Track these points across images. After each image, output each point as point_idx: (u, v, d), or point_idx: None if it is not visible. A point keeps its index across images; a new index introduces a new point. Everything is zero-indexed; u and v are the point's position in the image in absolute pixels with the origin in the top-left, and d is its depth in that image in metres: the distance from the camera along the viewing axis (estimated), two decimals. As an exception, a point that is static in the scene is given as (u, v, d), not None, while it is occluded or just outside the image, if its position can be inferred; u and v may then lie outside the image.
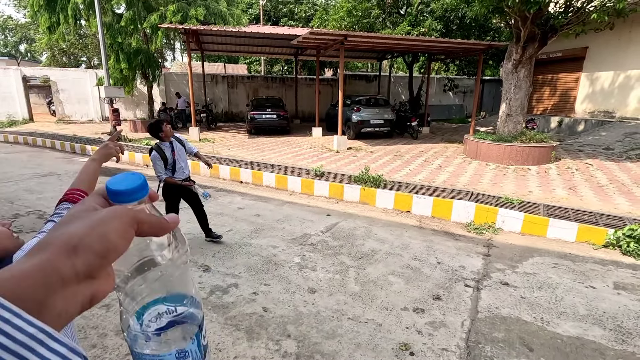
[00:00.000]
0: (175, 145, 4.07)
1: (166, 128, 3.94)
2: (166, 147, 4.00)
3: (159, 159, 3.93)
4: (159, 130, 3.91)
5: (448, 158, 9.57)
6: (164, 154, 3.94)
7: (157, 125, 3.92)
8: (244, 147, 10.86)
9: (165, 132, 3.92)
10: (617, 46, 13.28)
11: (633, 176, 7.58)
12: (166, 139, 3.98)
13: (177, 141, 4.13)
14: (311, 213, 5.80)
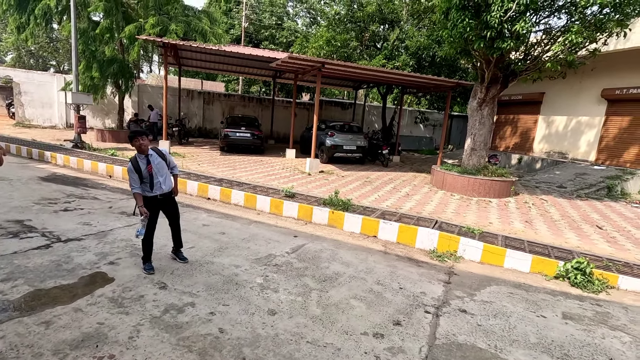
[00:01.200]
0: (154, 159, 3.95)
1: (139, 142, 3.82)
2: (142, 159, 3.88)
3: (133, 172, 3.83)
4: (139, 135, 3.85)
5: (416, 187, 9.87)
6: (139, 167, 3.83)
7: (138, 133, 3.86)
8: (214, 164, 10.70)
9: (141, 144, 3.83)
10: (570, 94, 14.55)
11: (582, 213, 8.14)
12: (141, 151, 3.87)
13: (158, 154, 4.03)
14: (278, 233, 5.74)
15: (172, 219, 4.27)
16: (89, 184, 8.12)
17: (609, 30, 7.64)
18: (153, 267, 4.00)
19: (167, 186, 4.08)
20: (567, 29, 7.77)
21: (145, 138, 3.90)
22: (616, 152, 13.08)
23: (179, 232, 4.33)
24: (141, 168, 3.83)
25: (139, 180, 3.85)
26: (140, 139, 3.83)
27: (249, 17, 24.30)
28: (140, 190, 3.89)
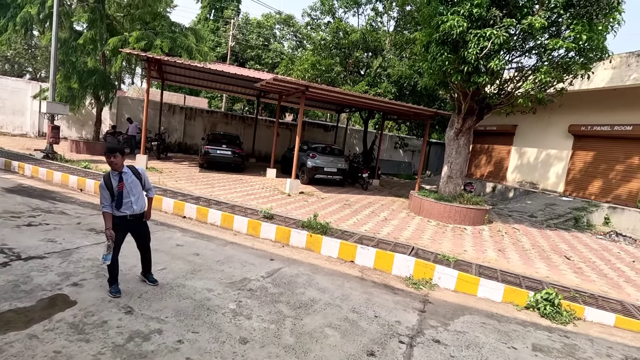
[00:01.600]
0: (127, 176, 3.81)
1: (111, 159, 3.69)
2: (115, 176, 3.75)
3: (104, 189, 3.70)
4: (113, 152, 3.69)
5: (394, 211, 9.99)
6: (111, 184, 3.70)
7: (113, 148, 3.71)
8: (192, 181, 10.50)
9: (116, 160, 3.70)
10: (540, 127, 15.35)
11: (551, 243, 8.43)
12: (115, 168, 3.74)
13: (133, 173, 3.88)
14: (254, 256, 5.63)
15: (141, 242, 4.10)
16: (57, 197, 7.76)
17: (574, 72, 8.21)
18: (120, 289, 3.82)
19: (139, 207, 3.93)
20: (537, 69, 8.29)
21: (119, 156, 3.74)
22: (582, 185, 13.76)
23: (149, 255, 4.16)
24: (112, 185, 3.71)
25: (110, 198, 3.71)
26: (112, 156, 3.69)
27: (235, 36, 24.63)
28: (110, 209, 3.74)
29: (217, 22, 28.00)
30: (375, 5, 17.55)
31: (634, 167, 12.28)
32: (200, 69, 12.32)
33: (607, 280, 6.12)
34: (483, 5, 7.57)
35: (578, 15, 7.53)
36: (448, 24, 7.65)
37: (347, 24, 16.63)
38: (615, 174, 12.82)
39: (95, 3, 12.39)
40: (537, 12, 7.74)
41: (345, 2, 17.37)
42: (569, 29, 7.67)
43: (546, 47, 7.81)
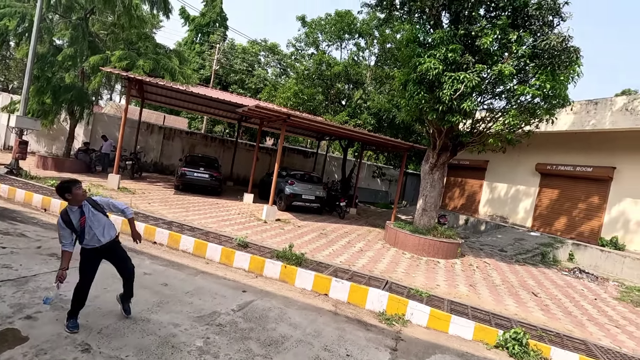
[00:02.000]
0: (88, 210, 3.59)
1: (77, 191, 3.48)
2: (73, 212, 3.52)
3: (63, 227, 3.46)
4: (67, 191, 3.43)
5: (370, 242, 10.04)
6: (70, 220, 3.47)
7: (65, 187, 3.44)
8: (166, 204, 10.22)
9: (74, 196, 3.45)
10: (510, 164, 16.12)
11: (520, 279, 8.66)
12: (74, 202, 3.49)
13: (92, 205, 3.65)
14: (226, 287, 5.46)
15: (121, 265, 3.92)
16: (18, 217, 7.34)
17: (540, 116, 8.79)
18: (78, 324, 3.58)
19: (108, 236, 3.76)
20: (506, 111, 8.83)
21: (80, 187, 3.54)
22: (549, 221, 14.39)
23: (132, 281, 3.98)
24: (73, 222, 3.48)
25: (70, 235, 3.50)
26: (78, 188, 3.49)
27: (220, 60, 24.93)
28: (72, 248, 3.52)
29: (203, 46, 28.32)
30: (358, 40, 18.36)
31: (595, 206, 13.01)
32: (182, 91, 12.33)
33: (571, 319, 6.31)
34: (457, 51, 8.08)
35: (543, 65, 8.17)
36: (425, 65, 8.09)
37: (330, 57, 17.23)
38: (578, 211, 13.52)
39: (79, 20, 12.33)
40: (506, 60, 8.33)
41: (329, 36, 18.08)
42: (534, 77, 8.27)
43: (514, 92, 8.37)
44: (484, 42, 7.90)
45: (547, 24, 8.41)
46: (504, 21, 7.98)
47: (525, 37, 8.14)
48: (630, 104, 10.89)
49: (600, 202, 12.89)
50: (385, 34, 16.62)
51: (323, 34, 18.43)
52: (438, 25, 9.55)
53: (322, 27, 18.14)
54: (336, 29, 17.54)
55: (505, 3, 8.41)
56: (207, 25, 30.36)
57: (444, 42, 8.28)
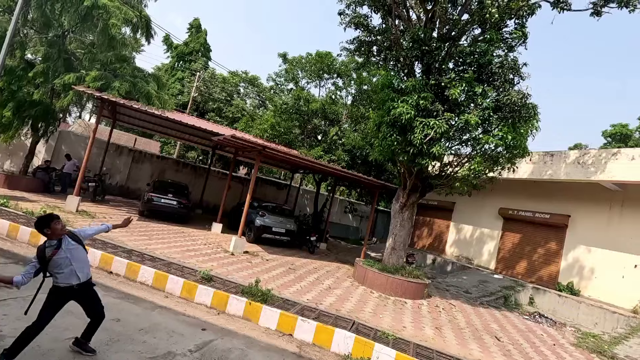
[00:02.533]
0: (66, 243, 3.47)
1: (55, 226, 3.39)
2: (51, 245, 3.39)
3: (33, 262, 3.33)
4: (45, 226, 3.36)
5: (338, 279, 9.90)
6: (44, 256, 3.33)
7: (44, 221, 3.37)
8: (128, 231, 9.69)
9: (52, 230, 3.37)
10: (475, 207, 16.79)
11: (484, 322, 8.76)
12: (53, 237, 3.40)
13: (72, 238, 3.53)
14: (184, 324, 5.14)
15: (92, 309, 3.74)
16: (-42, 238, 6.70)
17: (502, 164, 9.36)
18: None
19: (85, 274, 3.60)
20: (472, 157, 9.34)
21: (59, 222, 3.44)
22: (511, 264, 14.89)
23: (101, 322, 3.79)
24: (46, 254, 3.33)
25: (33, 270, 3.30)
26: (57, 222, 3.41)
27: (199, 87, 25.05)
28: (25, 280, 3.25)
29: (184, 73, 28.47)
30: (336, 80, 19.15)
31: (552, 251, 13.66)
32: (157, 115, 12.16)
33: (532, 365, 6.39)
34: (428, 99, 8.60)
35: (505, 118, 8.82)
36: (398, 110, 8.52)
37: (309, 93, 17.78)
38: (537, 256, 14.11)
39: (56, 37, 12.12)
40: (472, 110, 8.92)
41: (309, 74, 18.76)
42: (497, 128, 8.89)
43: (479, 140, 8.92)
44: (453, 93, 8.47)
45: (508, 81, 9.20)
46: (470, 75, 8.65)
47: (489, 91, 8.83)
48: (582, 158, 11.85)
49: (557, 248, 13.55)
50: (362, 77, 17.45)
51: (303, 72, 19.10)
52: (411, 73, 10.19)
53: (303, 65, 18.84)
54: (316, 68, 18.26)
55: (471, 59, 9.16)
56: (189, 54, 30.73)
57: (417, 90, 8.80)
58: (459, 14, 10.06)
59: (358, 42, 11.73)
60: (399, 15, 10.42)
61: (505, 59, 9.34)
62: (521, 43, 9.78)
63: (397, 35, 10.48)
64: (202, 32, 32.23)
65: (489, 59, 8.90)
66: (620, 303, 11.25)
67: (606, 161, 11.15)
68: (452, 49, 9.55)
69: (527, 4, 9.64)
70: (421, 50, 9.38)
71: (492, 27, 9.53)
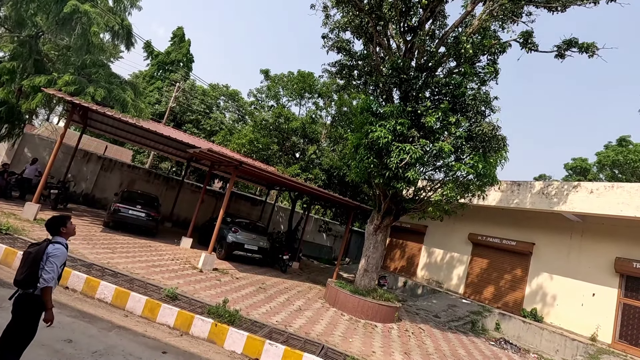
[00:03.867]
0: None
1: (70, 225, 3.47)
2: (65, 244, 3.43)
3: (65, 257, 3.35)
4: (62, 225, 3.39)
5: (309, 300, 9.72)
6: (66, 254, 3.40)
7: (61, 220, 3.41)
8: (90, 242, 9.18)
9: (68, 230, 3.44)
10: (446, 232, 17.16)
11: (451, 347, 8.81)
12: (67, 236, 3.45)
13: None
14: (144, 347, 4.83)
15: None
16: None
17: (473, 191, 9.68)
18: None
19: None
20: (444, 183, 9.62)
21: (72, 222, 3.53)
22: (478, 289, 15.20)
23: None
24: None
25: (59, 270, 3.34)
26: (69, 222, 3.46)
27: (178, 98, 24.68)
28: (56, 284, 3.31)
29: (163, 82, 28.03)
30: (317, 100, 19.44)
31: (518, 278, 14.09)
32: (130, 124, 11.80)
33: (497, 393, 6.43)
34: (405, 125, 8.86)
35: (476, 147, 9.20)
36: (376, 134, 8.70)
37: (289, 111, 17.89)
38: (504, 282, 14.50)
39: (28, 37, 11.68)
40: (446, 138, 9.25)
41: (290, 92, 18.97)
42: (469, 157, 9.23)
43: (452, 167, 9.21)
44: (429, 121, 8.77)
45: (480, 112, 9.65)
46: (446, 105, 9.01)
47: (462, 121, 9.21)
48: (546, 189, 12.47)
49: (522, 275, 14.00)
50: (342, 99, 17.83)
51: (284, 90, 19.29)
52: (390, 99, 10.51)
53: (285, 84, 19.05)
54: (298, 87, 18.49)
55: (446, 90, 9.57)
56: (171, 63, 30.39)
57: (394, 115, 9.05)
58: (436, 46, 10.56)
59: (340, 66, 12.03)
60: (380, 44, 10.81)
61: (478, 91, 9.83)
62: (492, 78, 10.33)
63: (378, 62, 10.84)
64: (185, 42, 32.06)
65: (462, 91, 9.33)
66: (580, 330, 11.67)
67: (568, 193, 11.78)
68: (429, 79, 9.96)
69: (498, 42, 10.29)
70: (400, 78, 9.72)
71: (466, 61, 10.05)
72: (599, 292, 11.68)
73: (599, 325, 11.32)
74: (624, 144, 26.48)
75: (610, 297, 11.39)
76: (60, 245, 3.32)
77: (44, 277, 3.14)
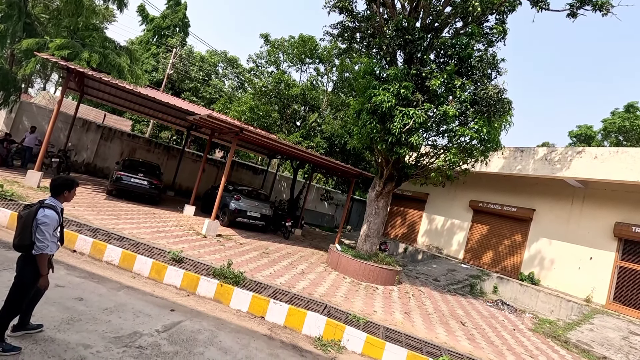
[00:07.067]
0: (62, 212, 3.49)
1: (74, 192, 3.47)
2: (60, 208, 3.38)
3: (56, 223, 3.27)
4: (68, 188, 3.39)
5: (312, 265, 9.94)
6: (60, 216, 3.35)
7: (70, 182, 3.40)
8: (95, 209, 9.27)
9: (70, 195, 3.44)
10: (447, 199, 17.25)
11: (450, 308, 9.09)
12: (65, 201, 3.46)
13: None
14: (152, 305, 4.98)
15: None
16: None
17: (476, 157, 9.59)
18: None
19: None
20: (448, 149, 9.51)
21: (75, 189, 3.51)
22: (478, 254, 15.49)
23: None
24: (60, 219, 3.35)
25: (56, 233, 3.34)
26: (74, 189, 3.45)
27: (175, 65, 24.04)
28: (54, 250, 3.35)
29: (160, 48, 27.17)
30: (318, 66, 18.89)
31: (517, 243, 14.30)
32: (129, 90, 11.54)
33: (493, 348, 6.70)
34: (409, 88, 8.63)
35: (481, 112, 9.01)
36: (379, 97, 8.50)
37: (290, 77, 17.45)
38: (503, 247, 14.74)
39: (17, -1, 11.18)
40: (450, 102, 9.05)
41: (291, 57, 18.40)
42: (473, 121, 9.07)
43: (456, 132, 9.08)
44: (433, 84, 8.54)
45: (486, 75, 9.37)
46: (451, 67, 8.73)
47: (468, 85, 8.96)
48: (549, 155, 12.36)
49: (522, 240, 14.20)
50: (344, 63, 17.32)
51: (285, 55, 18.71)
52: (393, 62, 10.17)
53: (285, 48, 18.44)
54: (298, 52, 17.91)
55: (452, 52, 9.24)
56: (167, 28, 29.32)
57: (398, 79, 8.80)
58: (442, 5, 10.08)
59: (342, 27, 11.55)
60: (384, 3, 10.32)
61: (485, 53, 9.50)
62: (501, 39, 9.96)
63: (381, 23, 10.41)
64: (181, 5, 30.76)
65: (469, 53, 9.01)
66: (576, 292, 11.99)
67: (571, 159, 11.69)
68: (434, 40, 9.59)
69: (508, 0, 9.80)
70: (404, 39, 9.36)
71: (473, 21, 9.64)
72: (596, 256, 11.89)
73: (594, 287, 11.62)
74: (631, 110, 25.95)
75: (607, 261, 11.60)
76: (51, 211, 3.22)
77: (37, 245, 3.15)
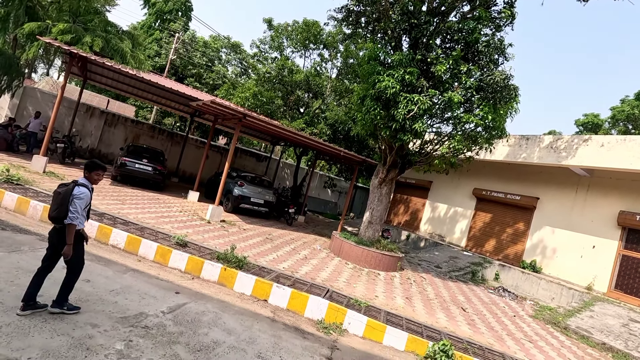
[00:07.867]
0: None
1: (102, 175, 3.91)
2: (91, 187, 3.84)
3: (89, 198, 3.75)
4: (101, 169, 3.86)
5: (315, 250, 10.04)
6: (91, 194, 3.82)
7: (101, 166, 3.86)
8: (100, 194, 9.36)
9: (98, 177, 3.87)
10: (450, 187, 17.21)
11: (451, 294, 9.18)
12: (95, 182, 3.86)
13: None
14: (157, 287, 5.08)
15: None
16: None
17: (480, 144, 9.53)
18: None
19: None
20: (452, 136, 9.45)
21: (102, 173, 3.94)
22: (480, 242, 15.53)
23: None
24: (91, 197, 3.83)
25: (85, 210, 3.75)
26: (103, 172, 3.90)
27: (178, 50, 23.83)
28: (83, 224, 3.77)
29: (162, 33, 26.91)
30: (322, 52, 18.65)
31: (520, 231, 14.31)
32: (132, 76, 11.49)
33: (493, 333, 6.79)
34: (414, 74, 8.52)
35: (486, 98, 8.90)
36: (384, 83, 8.41)
37: (293, 63, 17.26)
38: (505, 235, 14.76)
39: (18, -19, 11.06)
40: (456, 89, 8.94)
41: (295, 43, 18.15)
42: (479, 108, 8.97)
43: (461, 119, 8.99)
44: (439, 70, 8.42)
45: (493, 61, 9.22)
46: (457, 53, 8.59)
47: (474, 70, 8.83)
48: (555, 143, 12.24)
49: (524, 229, 14.20)
50: (349, 49, 17.07)
51: (288, 40, 18.46)
52: (398, 47, 10.03)
53: (289, 33, 18.18)
54: (302, 37, 17.66)
55: (459, 36, 9.07)
56: (169, 12, 28.98)
57: (403, 64, 8.68)
58: (450, -12, 9.84)
59: (346, 11, 11.34)
60: (390, -15, 10.09)
61: (492, 38, 9.32)
62: (509, 23, 9.74)
63: (387, 7, 10.20)
64: (182, -10, 30.32)
65: (476, 37, 8.84)
66: (577, 280, 12.04)
67: (577, 147, 11.56)
68: (441, 25, 9.41)
69: (518, -18, 9.54)
70: (410, 24, 9.20)
71: (481, 5, 9.43)
72: (599, 245, 11.88)
73: (596, 275, 11.65)
74: (641, 98, 25.51)
75: (610, 249, 11.59)
76: (85, 189, 3.69)
77: (69, 215, 3.57)
